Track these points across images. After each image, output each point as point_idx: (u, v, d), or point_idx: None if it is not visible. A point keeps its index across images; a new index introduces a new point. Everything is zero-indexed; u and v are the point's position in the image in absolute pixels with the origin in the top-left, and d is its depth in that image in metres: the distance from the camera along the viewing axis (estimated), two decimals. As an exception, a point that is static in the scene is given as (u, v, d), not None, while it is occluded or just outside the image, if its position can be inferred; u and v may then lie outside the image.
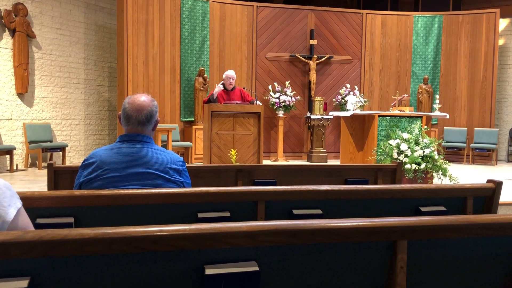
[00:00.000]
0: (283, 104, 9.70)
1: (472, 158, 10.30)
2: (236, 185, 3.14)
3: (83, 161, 2.15)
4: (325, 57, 10.33)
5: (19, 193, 1.47)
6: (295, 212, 2.17)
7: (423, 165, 5.69)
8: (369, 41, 10.71)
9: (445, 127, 10.60)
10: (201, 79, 9.37)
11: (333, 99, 10.54)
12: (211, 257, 1.31)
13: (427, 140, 5.94)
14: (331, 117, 9.56)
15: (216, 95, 6.30)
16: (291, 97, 9.78)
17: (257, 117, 6.26)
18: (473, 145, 10.15)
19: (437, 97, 9.03)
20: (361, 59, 10.71)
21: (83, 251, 1.20)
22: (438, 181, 5.91)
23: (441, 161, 5.79)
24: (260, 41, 10.15)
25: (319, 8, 10.56)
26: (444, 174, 5.74)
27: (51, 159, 8.53)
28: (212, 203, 2.11)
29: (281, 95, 9.76)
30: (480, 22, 10.52)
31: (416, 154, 5.74)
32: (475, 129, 10.40)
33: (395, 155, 5.87)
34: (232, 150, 5.73)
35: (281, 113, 9.84)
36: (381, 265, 1.49)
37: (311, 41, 10.28)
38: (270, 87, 9.94)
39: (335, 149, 10.35)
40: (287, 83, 9.99)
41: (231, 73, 6.47)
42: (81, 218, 1.98)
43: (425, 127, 6.51)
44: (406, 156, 5.80)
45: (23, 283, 1.15)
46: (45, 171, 7.43)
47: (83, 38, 9.32)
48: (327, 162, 9.52)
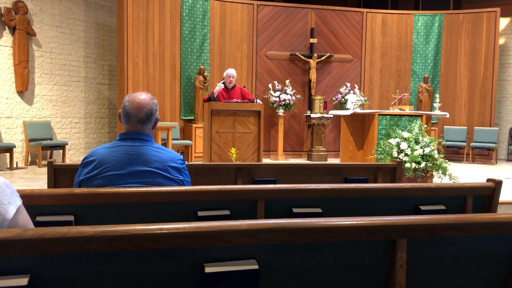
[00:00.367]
0: (283, 102, 9.70)
1: (472, 157, 10.30)
2: (236, 184, 3.15)
3: (83, 159, 2.15)
4: (325, 56, 10.33)
5: (19, 191, 1.47)
6: (295, 210, 2.18)
7: (423, 164, 5.69)
8: (370, 40, 10.70)
9: (445, 126, 10.60)
10: (201, 78, 9.36)
11: (333, 98, 10.54)
12: (211, 255, 1.31)
13: (427, 139, 5.94)
14: (331, 116, 9.56)
15: (216, 94, 6.29)
16: (291, 95, 9.78)
17: (257, 116, 6.26)
18: (473, 144, 10.16)
19: (437, 96, 9.02)
20: (362, 58, 10.70)
21: (83, 249, 1.20)
22: (438, 180, 5.92)
23: (441, 160, 5.79)
24: (260, 39, 10.14)
25: (320, 6, 10.55)
26: (444, 173, 5.74)
27: (51, 157, 8.53)
28: (212, 201, 2.11)
29: (281, 94, 9.76)
30: (480, 21, 10.51)
31: (416, 153, 5.74)
32: (475, 128, 10.40)
33: (395, 154, 5.87)
34: (232, 148, 5.72)
35: (281, 112, 9.84)
36: (380, 264, 1.49)
37: (312, 40, 10.28)
38: (270, 85, 9.94)
39: (335, 147, 10.35)
40: (287, 81, 9.99)
41: (231, 71, 6.46)
42: (81, 216, 1.98)
43: (425, 126, 6.51)
44: (406, 155, 5.80)
45: (23, 281, 1.15)
46: (45, 169, 7.44)
47: (83, 36, 9.31)
48: (327, 160, 9.52)
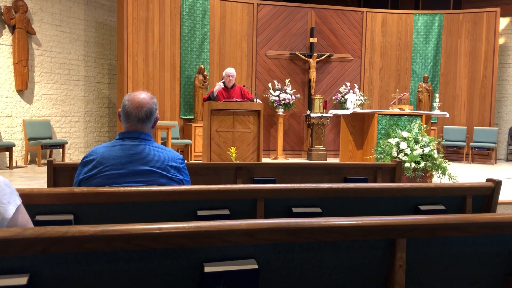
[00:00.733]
0: (283, 102, 9.70)
1: (471, 157, 10.30)
2: (235, 183, 3.14)
3: (83, 158, 2.15)
4: (325, 55, 10.32)
5: (18, 190, 1.47)
6: (295, 210, 2.17)
7: (422, 164, 5.69)
8: (369, 39, 10.70)
9: (444, 126, 10.60)
10: (201, 77, 9.36)
11: (333, 98, 10.54)
12: (211, 255, 1.31)
13: (426, 138, 5.94)
14: (331, 116, 9.56)
15: (216, 93, 6.29)
16: (291, 95, 9.77)
17: (257, 115, 6.26)
18: (472, 144, 10.16)
19: (437, 95, 9.02)
20: (361, 57, 10.70)
21: (83, 248, 1.20)
22: (437, 179, 5.92)
23: (440, 159, 5.79)
24: (260, 39, 10.14)
25: (320, 6, 10.55)
26: (443, 173, 5.74)
27: (50, 156, 8.53)
28: (211, 201, 2.11)
29: (281, 93, 9.76)
30: (480, 21, 10.51)
31: (415, 152, 5.74)
32: (475, 128, 10.40)
33: (395, 154, 5.87)
34: (231, 148, 5.72)
35: (281, 111, 9.84)
36: (380, 264, 1.49)
37: (311, 39, 10.27)
38: (270, 85, 9.94)
39: (334, 147, 10.35)
40: (287, 81, 9.99)
41: (231, 70, 6.46)
42: (80, 215, 1.98)
43: (425, 125, 6.51)
44: (405, 154, 5.80)
45: (23, 280, 1.15)
46: (44, 168, 7.43)
47: (83, 35, 9.31)
48: (326, 160, 9.52)
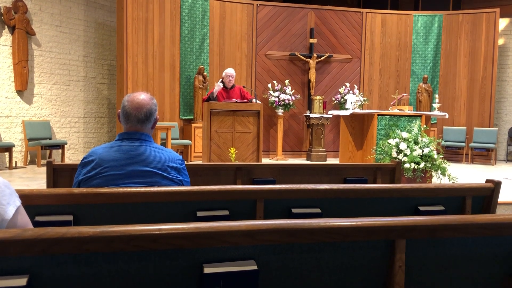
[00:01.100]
0: (283, 102, 9.70)
1: (471, 157, 10.30)
2: (235, 184, 3.14)
3: (82, 159, 2.15)
4: (325, 56, 10.33)
5: (18, 191, 1.47)
6: (294, 211, 2.17)
7: (422, 165, 5.69)
8: (369, 40, 10.70)
9: (444, 127, 10.60)
10: (200, 77, 9.36)
11: (333, 98, 10.54)
12: (210, 255, 1.31)
13: (426, 139, 5.94)
14: (331, 116, 9.56)
15: (216, 94, 6.29)
16: (290, 95, 9.78)
17: (257, 116, 6.26)
18: (472, 144, 10.16)
19: (437, 96, 9.03)
20: (361, 58, 10.70)
21: (82, 249, 1.20)
22: (437, 180, 5.92)
23: (440, 160, 5.80)
24: (260, 39, 10.14)
25: (319, 6, 10.55)
26: (443, 173, 5.74)
27: (50, 156, 8.53)
28: (211, 201, 2.11)
29: (280, 94, 9.76)
30: (480, 21, 10.52)
31: (415, 153, 5.74)
32: (474, 128, 10.40)
33: (394, 154, 5.87)
34: (231, 148, 5.72)
35: (280, 112, 9.84)
36: (380, 264, 1.49)
37: (311, 40, 10.28)
38: (269, 85, 9.94)
39: (334, 148, 10.35)
40: (286, 81, 9.99)
41: (230, 71, 6.46)
42: (80, 216, 1.97)
43: (425, 126, 6.51)
44: (405, 155, 5.80)
45: (22, 281, 1.15)
46: (44, 169, 7.43)
47: (83, 35, 9.31)
48: (326, 161, 9.52)
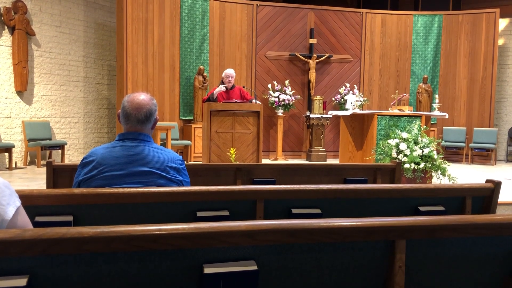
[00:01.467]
0: (283, 103, 9.70)
1: (471, 158, 10.30)
2: (235, 184, 3.14)
3: (82, 159, 2.15)
4: (325, 56, 10.33)
5: (18, 191, 1.47)
6: (294, 211, 2.17)
7: (422, 165, 5.69)
8: (369, 40, 10.70)
9: (444, 127, 10.60)
10: (200, 78, 9.36)
11: (333, 98, 10.54)
12: (210, 256, 1.31)
13: (426, 139, 5.94)
14: (331, 116, 9.56)
15: (216, 95, 6.30)
16: (290, 96, 9.78)
17: (257, 116, 6.26)
18: (472, 144, 10.16)
19: (437, 96, 9.03)
20: (361, 58, 10.70)
21: (82, 250, 1.20)
22: (437, 180, 5.92)
23: (440, 160, 5.79)
24: (260, 39, 10.14)
25: (319, 7, 10.56)
26: (443, 173, 5.74)
27: (50, 157, 8.52)
28: (211, 202, 2.11)
29: (280, 94, 9.76)
30: (479, 22, 10.52)
31: (415, 153, 5.74)
32: (474, 128, 10.40)
33: (394, 155, 5.87)
34: (231, 148, 5.72)
35: (280, 112, 9.84)
36: (379, 265, 1.49)
37: (311, 40, 10.28)
38: (269, 86, 9.94)
39: (334, 148, 10.35)
40: (286, 82, 9.99)
41: (230, 71, 6.47)
42: (80, 216, 1.97)
43: (424, 126, 6.51)
44: (405, 155, 5.80)
45: (22, 281, 1.15)
46: (44, 169, 7.43)
47: (83, 36, 9.31)
48: (326, 161, 9.52)
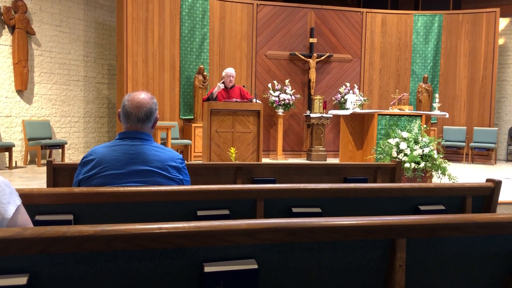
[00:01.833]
0: (283, 102, 9.70)
1: (471, 157, 10.30)
2: (235, 183, 3.14)
3: (82, 158, 2.15)
4: (325, 56, 10.32)
5: (18, 190, 1.47)
6: (294, 210, 2.17)
7: (422, 164, 5.69)
8: (369, 39, 10.70)
9: (444, 126, 10.60)
10: (200, 77, 9.36)
11: (333, 98, 10.54)
12: (210, 254, 1.31)
13: (426, 139, 5.94)
14: (331, 116, 9.56)
15: (216, 94, 6.30)
16: (290, 95, 9.77)
17: (257, 115, 6.26)
18: (472, 144, 10.16)
19: (437, 96, 9.03)
20: (361, 57, 10.70)
21: (82, 248, 1.20)
22: (437, 180, 5.92)
23: (440, 160, 5.79)
24: (260, 39, 10.14)
25: (319, 6, 10.55)
26: (443, 173, 5.74)
27: (50, 156, 8.52)
28: (211, 201, 2.11)
29: (280, 94, 9.76)
30: (480, 21, 10.51)
31: (415, 153, 5.74)
32: (475, 128, 10.40)
33: (395, 154, 5.87)
34: (231, 148, 5.72)
35: (280, 112, 9.84)
36: (380, 264, 1.49)
37: (311, 40, 10.27)
38: (269, 85, 9.94)
39: (334, 147, 10.35)
40: (286, 81, 9.99)
41: (231, 71, 6.46)
42: (80, 215, 1.97)
43: (425, 126, 6.51)
44: (405, 155, 5.80)
45: (22, 280, 1.15)
46: (44, 168, 7.43)
47: (83, 35, 9.30)
48: (326, 160, 9.52)
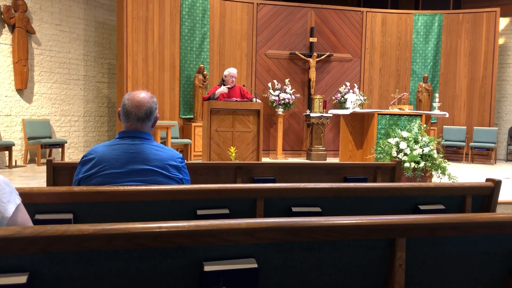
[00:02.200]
0: (283, 101, 9.70)
1: (471, 157, 10.31)
2: (235, 183, 3.14)
3: (82, 157, 2.15)
4: (325, 55, 10.32)
5: (18, 189, 1.47)
6: (294, 209, 2.17)
7: (422, 164, 5.69)
8: (369, 39, 10.70)
9: (444, 126, 10.60)
10: (200, 76, 9.36)
11: (333, 97, 10.54)
12: (210, 254, 1.31)
13: (426, 138, 5.94)
14: (331, 115, 9.56)
15: (217, 95, 6.29)
16: (290, 94, 9.77)
17: (257, 115, 6.26)
18: (472, 144, 10.16)
19: (437, 95, 9.01)
20: (361, 57, 10.70)
21: (82, 247, 1.20)
22: (437, 179, 5.92)
23: (440, 159, 5.79)
24: (260, 38, 10.13)
25: (320, 5, 10.55)
26: (443, 172, 5.74)
27: (50, 155, 8.52)
28: (211, 200, 2.11)
29: (280, 93, 9.76)
30: (480, 21, 10.51)
31: (415, 152, 5.74)
32: (475, 128, 10.40)
33: (394, 154, 5.87)
34: (231, 147, 5.72)
35: (280, 111, 9.83)
36: (380, 263, 1.49)
37: (311, 39, 10.27)
38: (269, 84, 9.94)
39: (334, 147, 10.35)
40: (286, 80, 9.99)
41: (233, 71, 6.46)
42: (80, 214, 1.97)
43: (425, 125, 6.50)
44: (405, 154, 5.80)
45: (22, 279, 1.15)
46: (44, 167, 7.43)
47: (83, 34, 9.30)
48: (326, 160, 9.52)
